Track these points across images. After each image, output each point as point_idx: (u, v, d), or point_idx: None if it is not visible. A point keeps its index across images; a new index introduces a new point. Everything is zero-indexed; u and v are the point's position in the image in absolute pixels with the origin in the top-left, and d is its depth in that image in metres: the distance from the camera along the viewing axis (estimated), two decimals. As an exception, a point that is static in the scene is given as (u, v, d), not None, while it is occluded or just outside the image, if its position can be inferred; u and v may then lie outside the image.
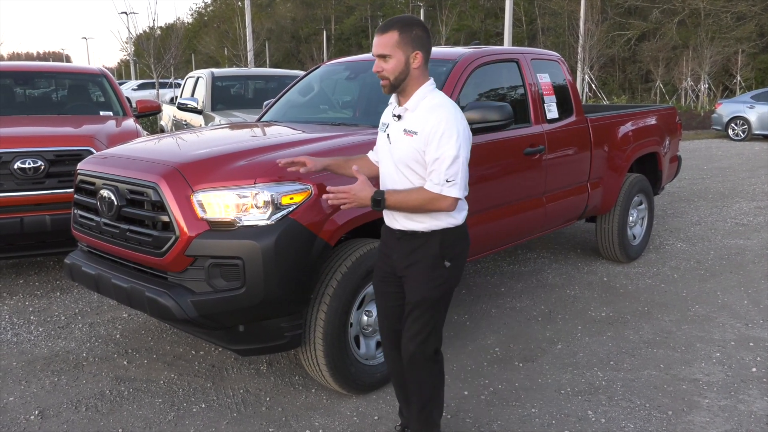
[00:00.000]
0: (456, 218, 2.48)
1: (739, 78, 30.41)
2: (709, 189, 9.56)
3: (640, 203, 5.87)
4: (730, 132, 17.23)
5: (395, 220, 2.54)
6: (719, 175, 10.95)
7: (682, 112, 22.70)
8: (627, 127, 5.53)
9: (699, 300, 4.79)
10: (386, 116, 2.59)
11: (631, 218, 5.74)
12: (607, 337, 4.13)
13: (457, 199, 2.36)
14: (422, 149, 2.35)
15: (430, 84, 2.45)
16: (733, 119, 17.18)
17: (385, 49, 2.36)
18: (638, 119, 5.75)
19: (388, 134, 2.52)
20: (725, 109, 17.51)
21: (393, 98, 2.55)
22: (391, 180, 2.50)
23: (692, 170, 11.38)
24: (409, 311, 2.56)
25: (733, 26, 33.79)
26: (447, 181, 2.32)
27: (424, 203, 2.36)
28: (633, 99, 34.42)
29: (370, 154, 2.79)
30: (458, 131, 2.33)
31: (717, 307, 4.65)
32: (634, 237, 5.85)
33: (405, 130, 2.41)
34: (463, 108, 3.76)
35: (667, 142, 6.17)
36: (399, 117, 2.46)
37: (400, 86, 2.42)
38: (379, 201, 2.37)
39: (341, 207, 2.44)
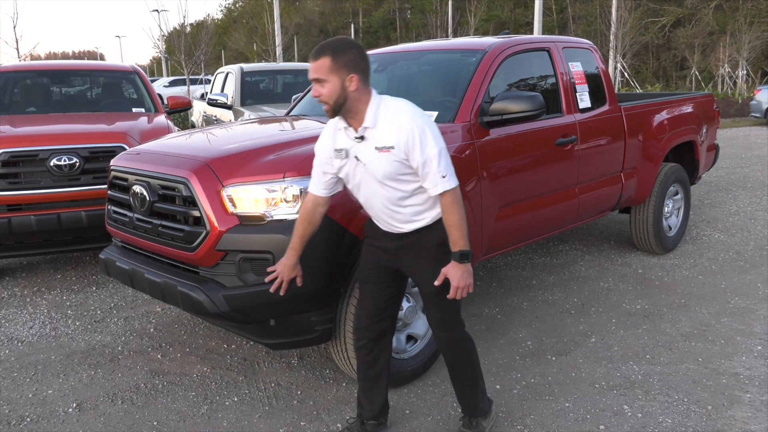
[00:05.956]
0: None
1: (779, 63, 29.53)
2: (747, 178, 9.29)
3: (676, 193, 5.74)
4: (770, 119, 16.75)
5: (398, 227, 2.60)
6: (758, 163, 10.64)
7: (719, 99, 22.12)
8: (662, 116, 5.39)
9: (739, 292, 4.66)
10: (340, 142, 2.55)
11: (666, 209, 5.61)
12: (642, 330, 4.05)
13: (457, 186, 2.46)
14: (404, 159, 2.42)
15: (375, 96, 2.48)
16: (773, 106, 16.69)
17: (319, 73, 2.40)
18: (674, 107, 5.61)
19: (356, 157, 2.51)
20: (764, 96, 17.01)
21: (339, 124, 2.54)
22: (381, 197, 2.54)
23: (730, 159, 11.08)
24: (430, 302, 2.67)
25: (773, 10, 32.78)
26: (443, 177, 2.43)
27: (459, 208, 2.46)
28: (667, 87, 33.68)
29: (316, 189, 2.68)
30: (429, 127, 2.42)
31: (758, 299, 4.52)
32: (670, 228, 5.72)
33: (377, 147, 2.44)
34: (493, 98, 3.72)
35: (704, 130, 6.01)
36: (362, 138, 2.47)
37: (341, 109, 2.44)
38: (467, 254, 2.48)
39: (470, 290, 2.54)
